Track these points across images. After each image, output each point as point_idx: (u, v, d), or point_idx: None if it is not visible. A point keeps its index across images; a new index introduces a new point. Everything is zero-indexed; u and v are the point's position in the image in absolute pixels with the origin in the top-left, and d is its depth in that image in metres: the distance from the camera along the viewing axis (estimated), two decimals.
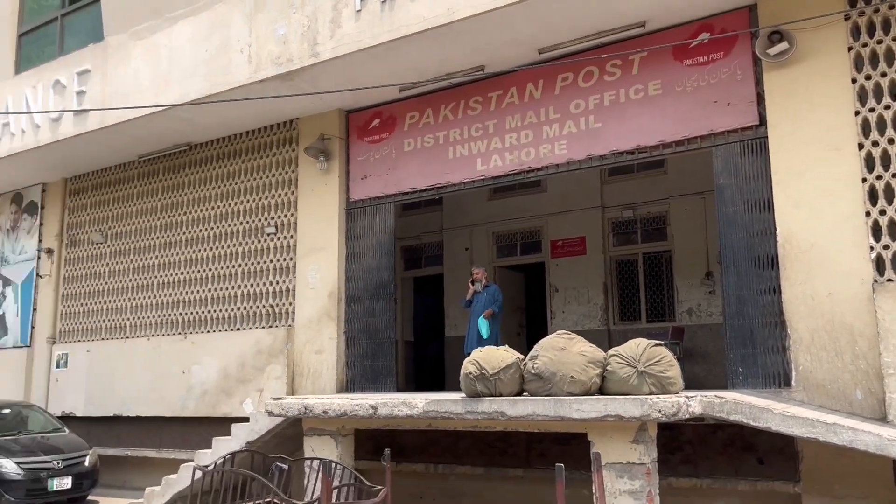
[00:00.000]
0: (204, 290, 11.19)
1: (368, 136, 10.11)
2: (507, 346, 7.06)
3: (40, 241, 13.51)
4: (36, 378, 12.96)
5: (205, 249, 11.30)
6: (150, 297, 11.79)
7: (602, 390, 6.42)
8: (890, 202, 6.67)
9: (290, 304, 10.30)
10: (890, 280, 6.54)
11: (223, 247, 11.12)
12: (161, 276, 11.73)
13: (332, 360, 9.71)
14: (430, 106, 9.62)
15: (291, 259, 10.41)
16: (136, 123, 10.62)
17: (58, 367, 12.63)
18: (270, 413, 7.90)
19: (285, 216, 10.57)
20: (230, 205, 11.17)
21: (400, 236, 10.05)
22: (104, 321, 12.32)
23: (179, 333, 11.28)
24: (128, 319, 12.02)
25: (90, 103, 10.97)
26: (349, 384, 9.74)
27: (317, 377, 9.80)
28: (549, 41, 8.37)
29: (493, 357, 6.63)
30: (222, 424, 10.46)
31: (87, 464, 10.36)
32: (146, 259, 11.98)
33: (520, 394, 6.68)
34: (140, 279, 11.99)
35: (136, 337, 11.79)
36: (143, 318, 11.81)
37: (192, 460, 9.75)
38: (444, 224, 13.49)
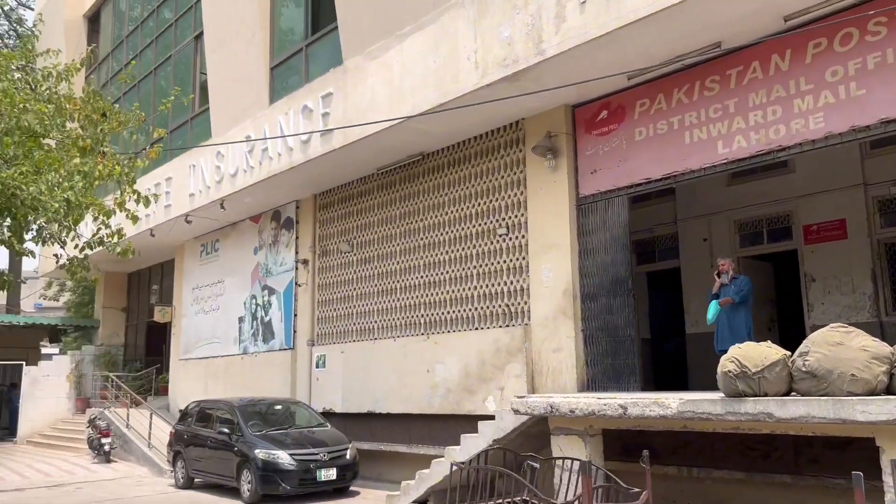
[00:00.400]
0: (443, 292, 11.63)
1: (596, 128, 9.88)
2: (768, 341, 6.48)
3: (297, 252, 14.89)
4: (299, 377, 14.30)
5: (442, 253, 11.75)
6: (394, 301, 12.50)
7: (890, 389, 5.65)
8: None
9: (526, 302, 10.36)
10: None
11: (458, 250, 11.48)
12: (403, 281, 12.39)
13: (571, 358, 9.60)
14: (661, 91, 9.17)
15: (524, 258, 10.47)
16: (375, 138, 11.30)
17: (317, 367, 13.83)
18: (516, 411, 7.96)
19: (516, 216, 10.66)
20: (463, 209, 11.50)
21: (630, 230, 9.67)
22: (355, 324, 13.28)
23: (422, 334, 11.83)
24: (375, 322, 12.84)
25: (334, 123, 11.87)
26: (590, 383, 9.56)
27: (556, 375, 9.75)
28: (796, 6, 7.60)
29: (754, 353, 6.11)
30: (466, 422, 10.77)
31: (348, 456, 11.22)
32: (389, 265, 12.72)
33: (787, 393, 6.10)
34: (385, 284, 12.76)
35: (384, 338, 12.55)
36: (390, 320, 12.54)
37: (441, 456, 10.15)
38: (679, 214, 12.80)
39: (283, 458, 10.72)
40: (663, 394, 7.49)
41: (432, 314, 11.76)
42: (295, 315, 14.71)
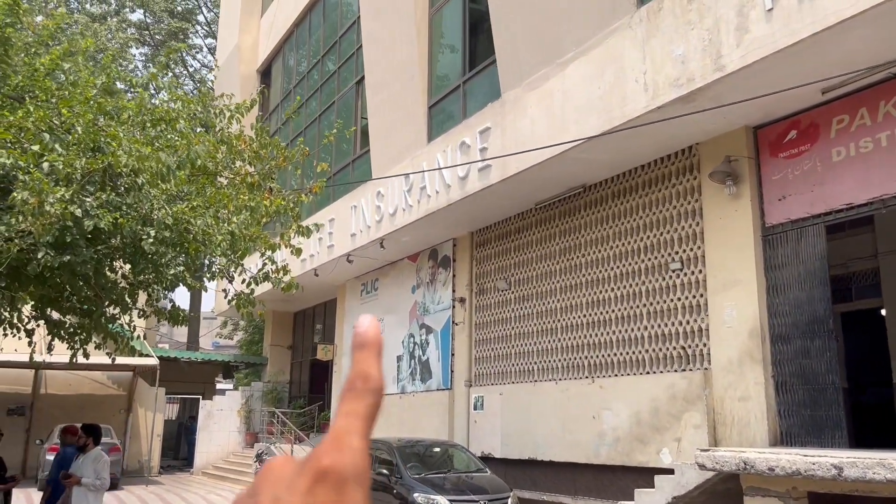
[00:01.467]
0: (609, 333, 10.87)
1: (783, 150, 8.87)
2: None
3: (453, 291, 14.67)
4: (457, 418, 13.93)
5: (606, 290, 11.03)
6: (555, 341, 11.88)
7: None
8: None
9: (705, 344, 9.39)
10: None
11: (625, 287, 10.71)
12: (564, 320, 11.75)
13: (761, 408, 8.51)
14: (863, 104, 8.07)
15: (702, 296, 9.54)
16: (534, 170, 10.87)
17: (475, 408, 13.40)
18: (701, 466, 7.07)
19: (691, 250, 9.78)
20: (629, 243, 10.76)
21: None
22: (513, 365, 12.76)
23: (586, 377, 11.09)
24: (535, 363, 12.25)
25: (491, 160, 11.59)
26: (784, 437, 8.41)
27: (743, 427, 8.67)
28: None
29: None
30: (638, 474, 9.88)
31: None
32: (549, 303, 12.15)
33: None
34: (544, 323, 12.17)
35: (545, 381, 11.93)
36: (550, 361, 11.91)
37: None
38: (879, 247, 11.28)
39: (442, 503, 10.29)
40: (887, 453, 6.32)
41: (597, 356, 11.01)
42: (452, 354, 14.43)
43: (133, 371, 21.15)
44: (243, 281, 7.60)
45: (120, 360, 20.01)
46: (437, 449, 12.17)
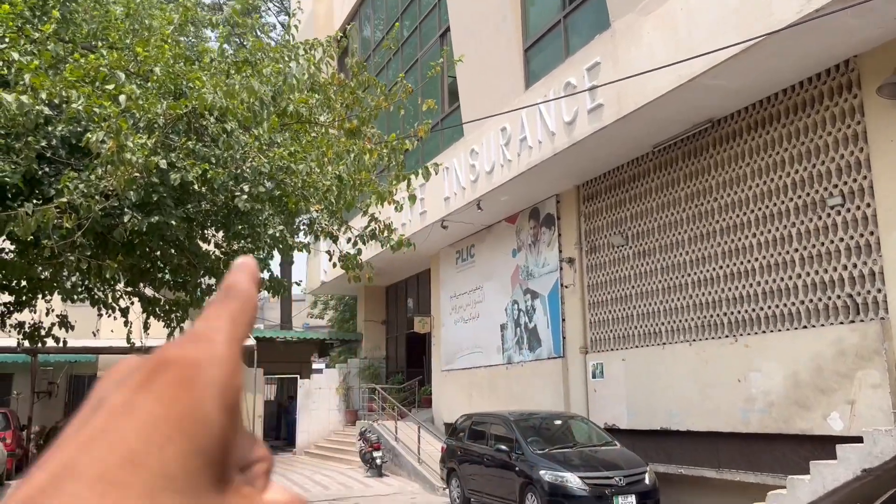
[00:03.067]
0: (752, 284, 9.54)
1: None
2: None
3: (560, 251, 13.54)
4: (573, 388, 12.87)
5: (746, 237, 9.68)
6: (685, 298, 10.62)
7: None
8: None
9: (879, 290, 7.98)
10: None
11: (770, 231, 9.34)
12: (696, 274, 10.47)
13: None
14: None
15: (872, 233, 8.11)
16: (656, 105, 9.59)
17: (594, 377, 12.30)
18: None
19: (854, 181, 8.34)
20: (772, 180, 9.37)
21: None
22: (637, 327, 11.57)
23: (727, 336, 9.81)
24: (663, 324, 11.02)
25: (603, 97, 10.35)
26: None
27: None
28: None
29: None
30: (797, 443, 8.63)
31: (647, 481, 9.51)
32: (675, 256, 10.87)
33: None
34: (671, 279, 10.92)
35: (676, 342, 10.70)
36: (681, 321, 10.67)
37: (774, 486, 8.12)
38: None
39: (573, 481, 9.28)
40: None
41: (739, 312, 9.71)
42: (563, 320, 13.33)
43: None
44: (349, 240, 6.73)
45: None
46: (559, 421, 11.17)
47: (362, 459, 16.31)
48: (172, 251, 5.90)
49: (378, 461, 15.60)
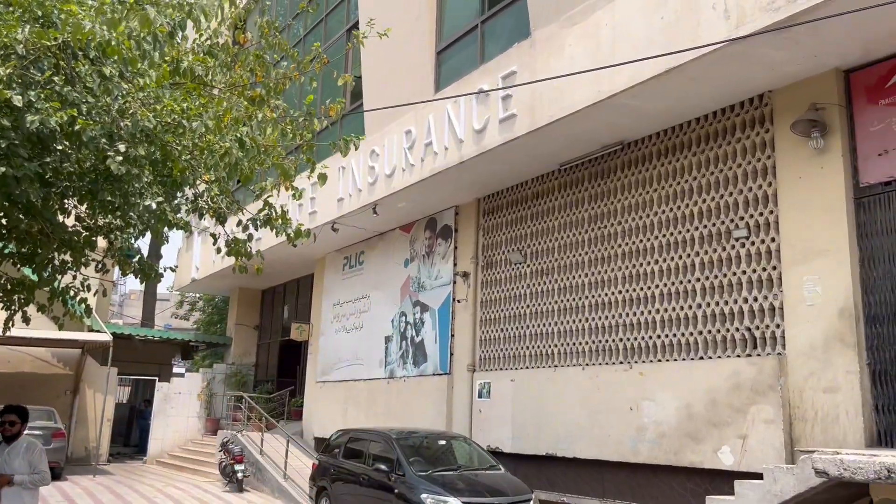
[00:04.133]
0: (651, 312, 9.39)
1: (886, 97, 7.46)
2: None
3: (455, 265, 13.07)
4: (457, 407, 12.35)
5: (648, 263, 9.55)
6: (581, 321, 10.37)
7: None
8: None
9: (778, 326, 7.97)
10: None
11: (673, 258, 9.24)
12: (594, 297, 10.25)
13: (854, 402, 7.12)
14: None
15: (774, 268, 8.11)
16: (571, 121, 9.32)
17: (480, 396, 11.84)
18: (820, 472, 5.60)
19: (760, 214, 8.34)
20: (678, 208, 9.30)
21: None
22: (529, 348, 11.22)
23: (622, 362, 9.61)
24: (556, 346, 10.73)
25: (517, 107, 10.00)
26: (883, 437, 7.04)
27: (829, 424, 7.28)
28: None
29: None
30: (686, 476, 8.47)
31: None
32: (573, 278, 10.63)
33: None
34: (568, 300, 10.65)
35: (568, 366, 10.41)
36: (575, 344, 10.40)
37: None
38: None
39: None
40: None
41: (636, 338, 9.53)
42: (452, 335, 12.83)
43: (82, 348, 19.06)
44: (239, 223, 5.88)
45: (68, 334, 17.97)
46: (442, 441, 10.58)
47: (222, 472, 15.04)
48: (20, 215, 4.86)
49: (239, 475, 14.41)
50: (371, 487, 9.94)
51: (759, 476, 7.31)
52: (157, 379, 22.12)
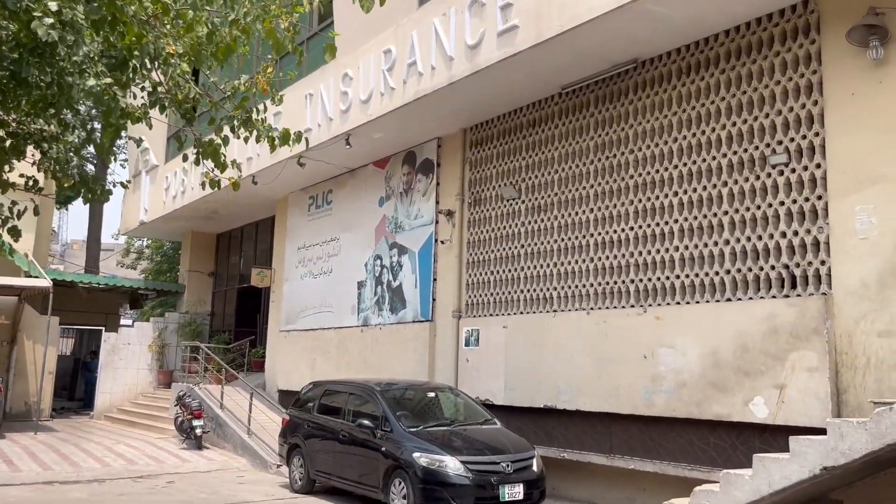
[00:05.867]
0: (669, 249, 8.43)
1: None
2: None
3: (437, 202, 11.91)
4: (440, 357, 11.33)
5: (666, 195, 8.54)
6: (586, 261, 9.36)
7: None
8: None
9: (823, 262, 7.07)
10: None
11: (696, 189, 8.25)
12: (601, 234, 9.23)
13: None
14: None
15: (819, 198, 7.17)
16: (582, 32, 8.16)
17: (467, 345, 10.82)
18: None
19: (802, 137, 7.36)
20: (702, 132, 8.27)
21: None
22: (524, 291, 10.20)
23: (635, 306, 8.66)
24: (555, 289, 9.73)
25: (519, 17, 8.77)
26: None
27: (885, 371, 6.46)
28: None
29: None
30: (711, 430, 7.64)
31: (535, 468, 8.16)
32: (576, 214, 9.59)
33: None
34: (570, 239, 9.63)
35: (570, 310, 9.44)
36: (579, 286, 9.41)
37: (668, 476, 7.07)
38: None
39: (453, 466, 7.72)
40: None
41: (651, 279, 8.58)
42: (434, 279, 11.73)
43: (18, 295, 17.40)
44: (211, 122, 4.60)
45: (1, 280, 16.32)
46: (431, 394, 9.56)
47: (178, 429, 13.83)
48: None
49: (198, 431, 13.23)
50: (352, 444, 8.91)
51: (800, 431, 6.51)
52: (103, 329, 20.59)
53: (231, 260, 20.50)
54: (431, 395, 9.49)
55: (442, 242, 11.63)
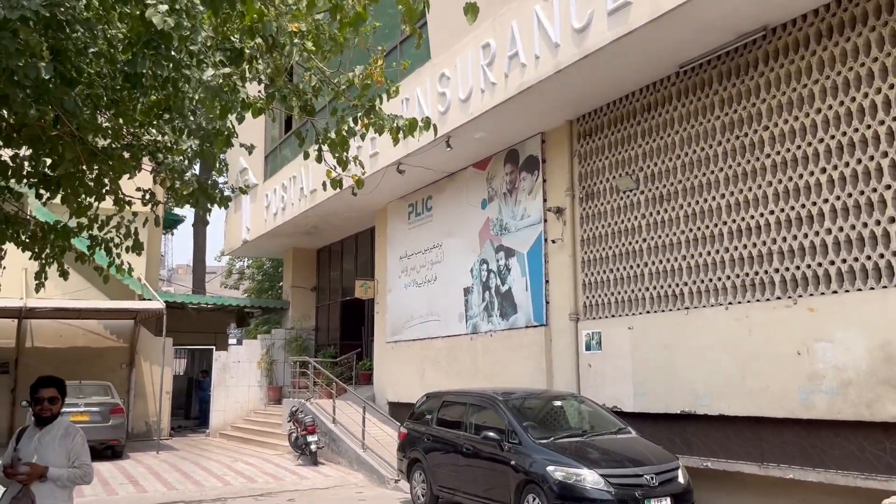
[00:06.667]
0: (820, 233, 7.56)
1: None
2: None
3: (545, 200, 11.33)
4: (558, 363, 10.72)
5: (811, 173, 7.68)
6: (720, 251, 8.58)
7: None
8: None
9: None
10: None
11: (848, 163, 7.36)
12: (735, 221, 8.43)
13: None
14: None
15: None
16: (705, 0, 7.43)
17: (588, 349, 10.18)
18: None
19: None
20: (853, 99, 7.37)
21: None
22: (649, 289, 9.48)
23: (782, 297, 7.81)
24: (686, 284, 8.97)
25: None
26: None
27: None
28: None
29: None
30: (885, 433, 6.71)
31: (681, 480, 7.44)
32: (705, 201, 8.81)
33: None
34: (699, 228, 8.86)
35: (705, 306, 8.66)
36: (714, 279, 8.63)
37: (838, 487, 6.21)
38: None
39: (592, 480, 7.09)
40: None
41: (800, 267, 7.72)
42: (547, 281, 11.14)
43: (134, 318, 17.92)
44: (334, 113, 4.24)
45: (119, 304, 16.78)
46: (558, 403, 8.97)
47: (293, 445, 13.75)
48: (23, 95, 3.27)
49: (313, 447, 13.09)
50: (477, 458, 8.42)
51: None
52: (213, 348, 21.00)
53: (332, 274, 20.53)
54: (557, 403, 8.90)
55: (553, 242, 11.04)
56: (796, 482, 7.56)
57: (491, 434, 8.19)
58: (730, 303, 8.37)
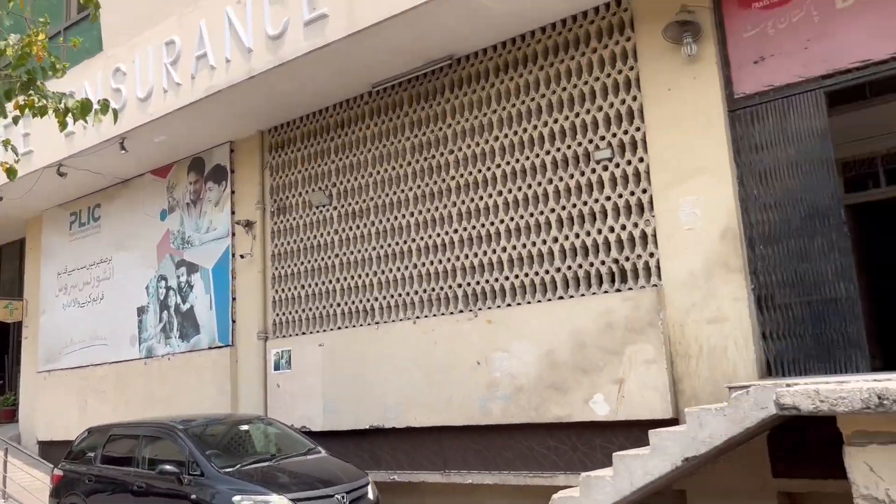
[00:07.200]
0: (497, 251, 8.14)
1: None
2: None
3: (234, 212, 10.71)
4: (245, 384, 10.13)
5: (490, 195, 8.27)
6: (409, 267, 8.81)
7: None
8: None
9: (651, 255, 7.15)
10: None
11: (521, 188, 8.05)
12: (423, 238, 8.74)
13: (743, 330, 6.51)
14: None
15: (644, 191, 7.26)
16: (401, 23, 7.66)
17: (277, 368, 9.76)
18: (788, 406, 4.67)
19: (625, 132, 7.44)
20: (524, 130, 8.11)
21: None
22: (341, 304, 9.40)
23: (465, 311, 8.25)
24: (377, 299, 9.05)
25: (330, 5, 8.06)
26: (774, 366, 6.52)
27: (717, 358, 6.61)
28: None
29: None
30: (549, 433, 7.41)
31: (370, 496, 7.39)
32: (395, 218, 9.02)
33: None
34: (389, 245, 9.03)
35: (395, 321, 8.82)
36: (402, 294, 8.82)
37: (512, 487, 6.76)
38: None
39: None
40: None
41: (480, 282, 8.23)
42: (234, 298, 10.51)
43: None
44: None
45: None
46: (244, 427, 8.39)
47: None
48: None
49: None
50: (152, 496, 7.49)
51: (641, 424, 6.53)
52: None
53: None
54: (243, 427, 8.32)
55: (241, 257, 10.46)
56: (475, 486, 7.98)
57: (168, 467, 7.33)
58: (417, 317, 8.63)
